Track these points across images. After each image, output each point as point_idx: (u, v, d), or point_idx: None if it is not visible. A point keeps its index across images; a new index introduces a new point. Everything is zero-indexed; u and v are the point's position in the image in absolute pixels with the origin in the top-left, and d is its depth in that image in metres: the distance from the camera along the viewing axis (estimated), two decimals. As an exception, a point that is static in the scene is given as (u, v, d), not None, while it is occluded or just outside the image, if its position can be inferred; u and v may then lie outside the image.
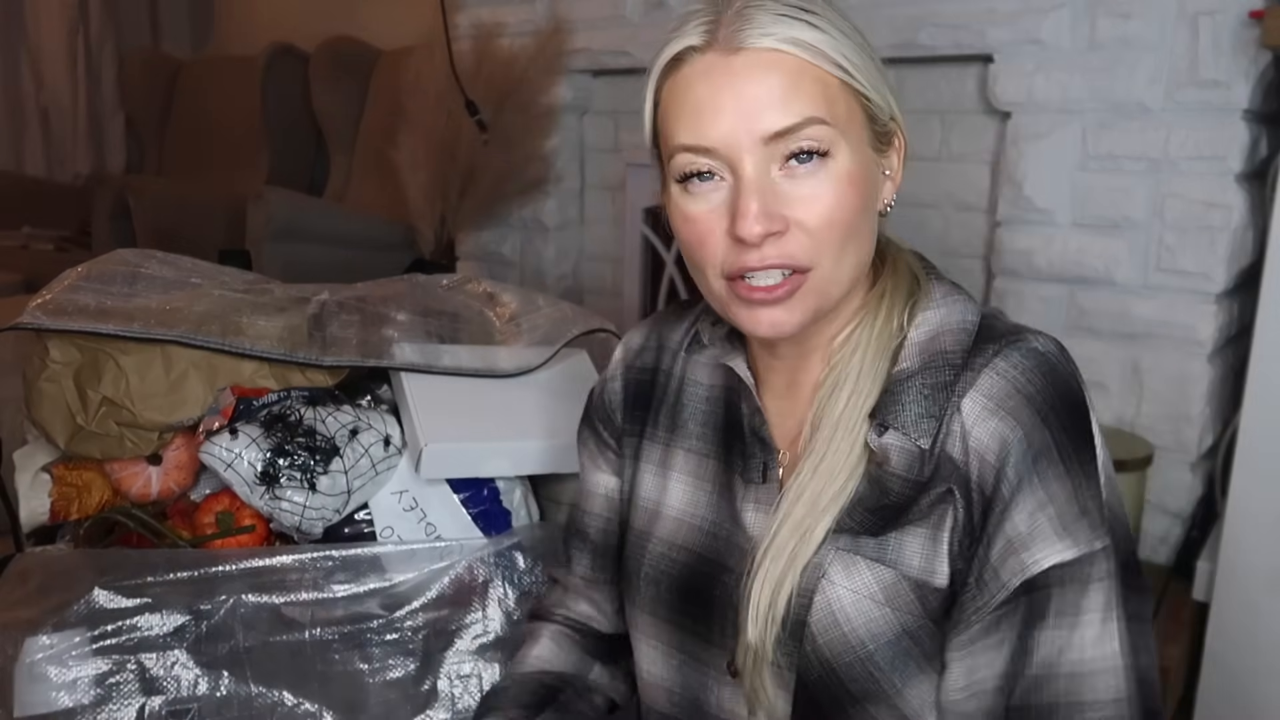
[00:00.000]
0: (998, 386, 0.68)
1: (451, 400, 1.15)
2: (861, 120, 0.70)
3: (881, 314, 0.75)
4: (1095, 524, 0.68)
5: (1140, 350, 1.62)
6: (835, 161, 0.68)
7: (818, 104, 0.67)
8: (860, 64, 0.69)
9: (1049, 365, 0.69)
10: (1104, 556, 0.68)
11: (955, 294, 0.75)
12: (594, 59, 2.27)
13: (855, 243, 0.70)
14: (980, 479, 0.68)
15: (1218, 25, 1.48)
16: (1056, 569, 0.67)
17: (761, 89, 0.67)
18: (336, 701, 1.06)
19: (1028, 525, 0.67)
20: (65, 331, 1.13)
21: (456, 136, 2.34)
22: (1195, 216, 1.54)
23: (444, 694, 1.10)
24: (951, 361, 0.70)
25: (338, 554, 1.10)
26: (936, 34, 1.73)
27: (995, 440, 0.67)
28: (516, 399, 1.18)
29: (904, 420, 0.70)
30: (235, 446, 1.09)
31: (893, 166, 0.75)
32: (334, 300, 1.27)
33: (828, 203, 0.68)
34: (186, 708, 1.03)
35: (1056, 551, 0.67)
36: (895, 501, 0.71)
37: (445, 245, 2.56)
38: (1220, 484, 1.58)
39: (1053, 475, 0.67)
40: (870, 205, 0.72)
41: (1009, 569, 0.68)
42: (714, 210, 0.69)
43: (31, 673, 0.99)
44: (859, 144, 0.70)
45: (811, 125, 0.67)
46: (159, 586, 1.04)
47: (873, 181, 0.72)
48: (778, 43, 0.67)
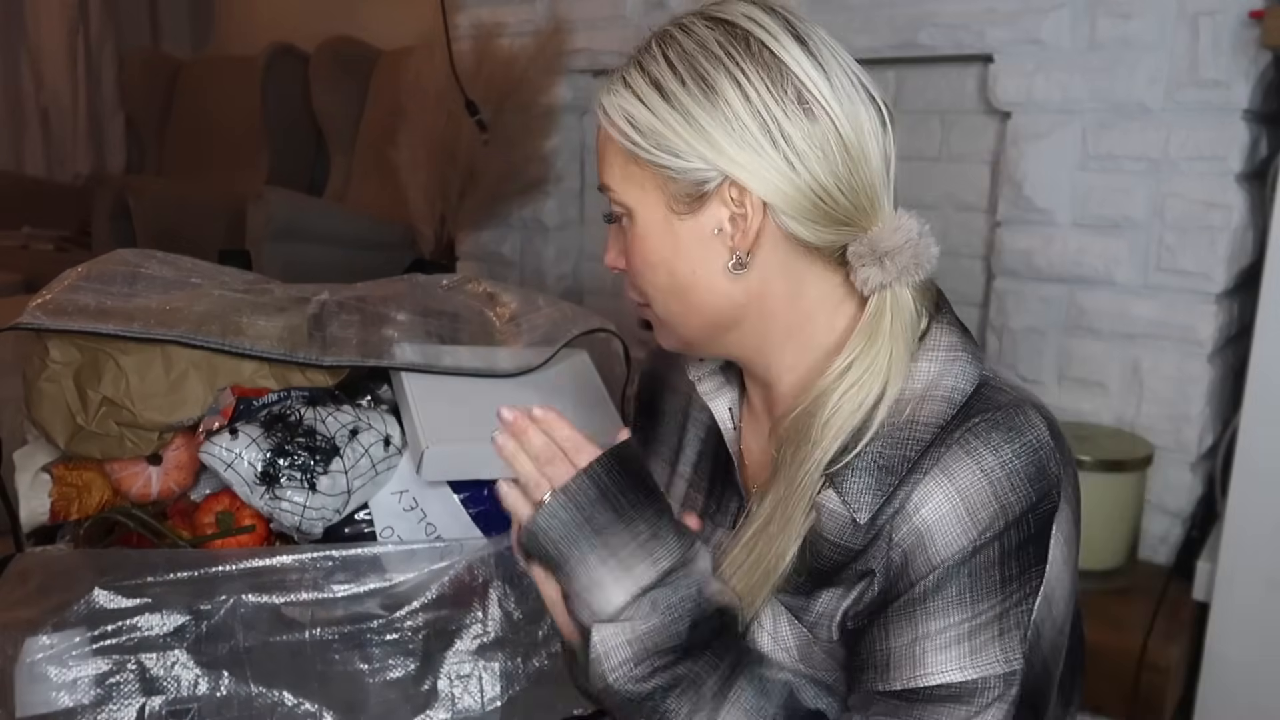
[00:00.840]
0: (975, 487, 0.64)
1: (452, 401, 1.15)
2: (653, 184, 0.70)
3: (847, 388, 0.68)
4: (1009, 646, 0.64)
5: (1140, 350, 1.62)
6: (631, 223, 0.72)
7: (611, 171, 0.72)
8: (651, 128, 0.68)
9: (1039, 469, 0.64)
10: (1003, 683, 0.63)
11: (958, 351, 0.70)
12: (594, 59, 2.27)
13: (677, 299, 0.72)
14: (911, 564, 0.65)
15: (1218, 25, 1.48)
16: (943, 687, 0.64)
17: (597, 147, 0.74)
18: (336, 701, 1.06)
19: (939, 628, 0.64)
20: (65, 331, 1.13)
21: (456, 136, 2.34)
22: (1195, 216, 1.54)
23: (444, 694, 1.10)
24: (919, 436, 0.66)
25: (338, 554, 1.10)
26: (936, 34, 1.73)
27: (949, 544, 0.64)
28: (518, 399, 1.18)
29: (847, 488, 0.67)
30: (235, 446, 1.09)
31: (727, 226, 0.69)
32: (334, 300, 1.27)
33: (632, 257, 0.73)
34: (186, 708, 1.03)
35: (953, 670, 0.64)
36: (822, 566, 0.69)
37: (445, 245, 2.56)
38: (1220, 484, 1.58)
39: (984, 592, 0.64)
40: (680, 265, 0.71)
41: (900, 667, 0.65)
42: None
43: (32, 673, 0.99)
44: (653, 207, 0.71)
45: (606, 190, 0.73)
46: (159, 586, 1.04)
47: (674, 241, 0.70)
48: (597, 108, 0.72)
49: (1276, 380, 1.33)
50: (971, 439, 0.65)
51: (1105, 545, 1.53)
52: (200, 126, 4.21)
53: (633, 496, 0.69)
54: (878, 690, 0.66)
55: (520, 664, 1.14)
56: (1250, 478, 1.36)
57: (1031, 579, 0.64)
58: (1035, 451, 0.65)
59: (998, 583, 0.64)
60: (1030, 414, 0.66)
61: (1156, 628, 1.40)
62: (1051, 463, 0.65)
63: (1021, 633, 0.64)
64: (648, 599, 0.67)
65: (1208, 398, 1.57)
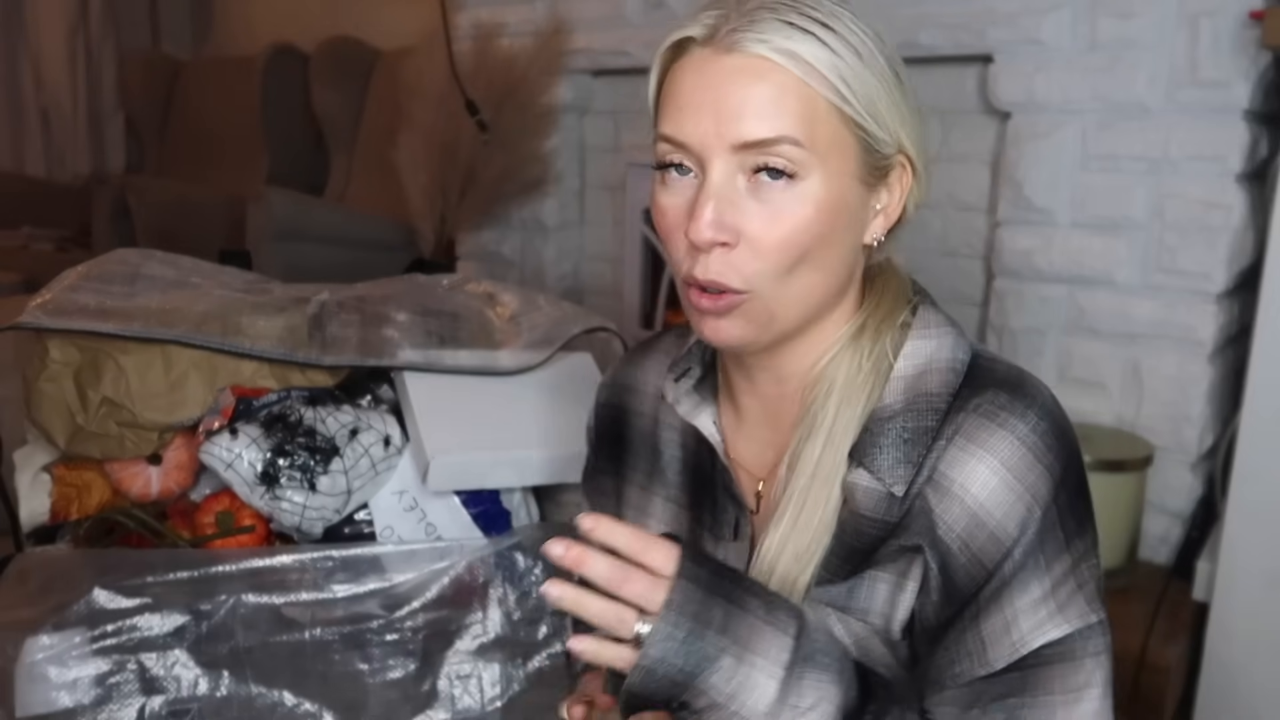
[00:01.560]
0: (1016, 455, 0.65)
1: (456, 407, 1.14)
2: (851, 149, 0.67)
3: (859, 349, 0.71)
4: (1090, 597, 0.67)
5: (1140, 350, 1.62)
6: (805, 184, 0.65)
7: (798, 123, 0.64)
8: (863, 91, 0.66)
9: (1060, 427, 0.67)
10: (1099, 631, 0.67)
11: (947, 326, 0.72)
12: (594, 59, 2.27)
13: (810, 272, 0.67)
14: (979, 549, 0.65)
15: (1218, 25, 1.48)
16: (1046, 647, 0.65)
17: (743, 95, 0.64)
18: (336, 701, 1.06)
19: (1026, 603, 0.65)
20: (65, 331, 1.13)
21: (456, 136, 2.34)
22: (1195, 216, 1.54)
23: (444, 694, 1.10)
24: (935, 405, 0.68)
25: (338, 554, 1.10)
26: (936, 34, 1.73)
27: (1009, 517, 0.65)
28: (521, 405, 1.17)
29: (879, 464, 0.68)
30: (235, 446, 1.09)
31: (885, 201, 0.71)
32: (334, 300, 1.27)
33: (786, 225, 0.65)
34: (186, 708, 1.03)
35: (1049, 629, 0.65)
36: (864, 546, 0.69)
37: (445, 245, 2.56)
38: (1220, 484, 1.58)
39: (1055, 553, 0.66)
40: (840, 237, 0.68)
41: (999, 647, 0.66)
42: (680, 206, 0.68)
43: (32, 673, 0.99)
44: (839, 173, 0.66)
45: (785, 144, 0.64)
46: (159, 586, 1.05)
47: (846, 213, 0.68)
48: (771, 51, 0.64)
49: (1276, 380, 1.33)
50: (996, 410, 0.67)
51: (1105, 545, 1.52)
52: (200, 126, 4.21)
53: (731, 577, 0.63)
54: (981, 675, 0.66)
55: (520, 664, 1.14)
56: (1250, 478, 1.36)
57: (1088, 531, 0.68)
58: (1052, 411, 0.68)
59: (1063, 541, 0.66)
60: (1032, 377, 0.70)
61: (1156, 628, 1.40)
62: (1062, 414, 0.68)
63: (1096, 583, 0.67)
64: (795, 674, 0.61)
65: (1208, 398, 1.57)
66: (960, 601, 0.67)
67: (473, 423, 1.11)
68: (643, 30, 2.16)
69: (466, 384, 1.18)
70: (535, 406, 1.19)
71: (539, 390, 1.23)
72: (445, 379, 1.18)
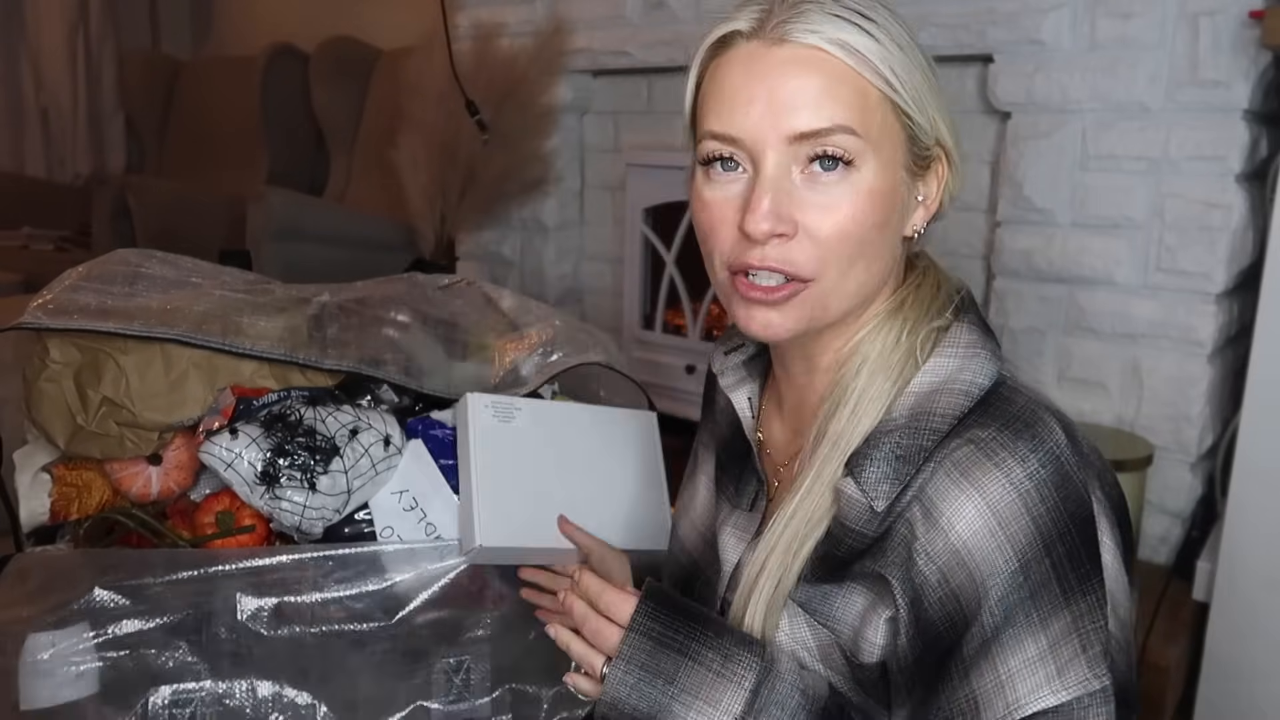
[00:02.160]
0: (1005, 500, 0.62)
1: (519, 479, 1.07)
2: (899, 138, 0.68)
3: (895, 327, 0.71)
4: (1094, 660, 0.62)
5: (1140, 350, 1.62)
6: (859, 174, 0.66)
7: (852, 112, 0.65)
8: (909, 81, 0.67)
9: (1063, 479, 0.63)
10: (1100, 699, 0.62)
11: (977, 348, 0.70)
12: (594, 59, 2.27)
13: (865, 261, 0.68)
14: (957, 586, 0.63)
15: (1218, 25, 1.48)
16: (1042, 714, 0.62)
17: (796, 86, 0.65)
18: (335, 700, 1.06)
19: (1018, 663, 0.62)
20: (66, 331, 1.13)
21: (456, 136, 2.34)
22: (1195, 216, 1.54)
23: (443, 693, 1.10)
24: (935, 426, 0.66)
25: (338, 554, 1.10)
26: (936, 34, 1.73)
27: (987, 562, 0.62)
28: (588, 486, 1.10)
29: (866, 476, 0.67)
30: (235, 446, 1.09)
31: (928, 193, 0.72)
32: (334, 302, 1.26)
33: (842, 214, 0.66)
34: (186, 707, 1.03)
35: (1046, 695, 0.62)
36: (842, 554, 0.69)
37: (445, 245, 2.56)
38: (1220, 484, 1.58)
39: (1050, 610, 0.62)
40: (890, 226, 0.68)
41: (993, 710, 0.63)
42: (729, 200, 0.68)
43: (35, 668, 0.99)
44: (890, 162, 0.67)
45: (840, 133, 0.64)
46: (159, 586, 1.04)
47: (898, 202, 0.68)
48: (823, 41, 0.64)
49: (1276, 380, 1.33)
50: (997, 447, 0.64)
51: (1105, 545, 1.53)
52: (200, 126, 4.21)
53: (686, 630, 0.67)
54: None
55: (518, 664, 1.15)
56: (1250, 478, 1.36)
57: (1094, 588, 0.63)
58: (1056, 459, 0.64)
59: (1060, 598, 0.62)
60: (1048, 420, 0.66)
61: (1156, 628, 1.40)
62: (1073, 468, 0.65)
63: (1101, 646, 0.63)
64: None
65: (1208, 398, 1.57)
66: (941, 646, 0.64)
67: (532, 503, 1.05)
68: (643, 30, 2.16)
69: (534, 447, 1.10)
70: (597, 488, 1.12)
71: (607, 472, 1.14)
72: (513, 440, 1.10)
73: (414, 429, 1.20)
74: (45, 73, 4.63)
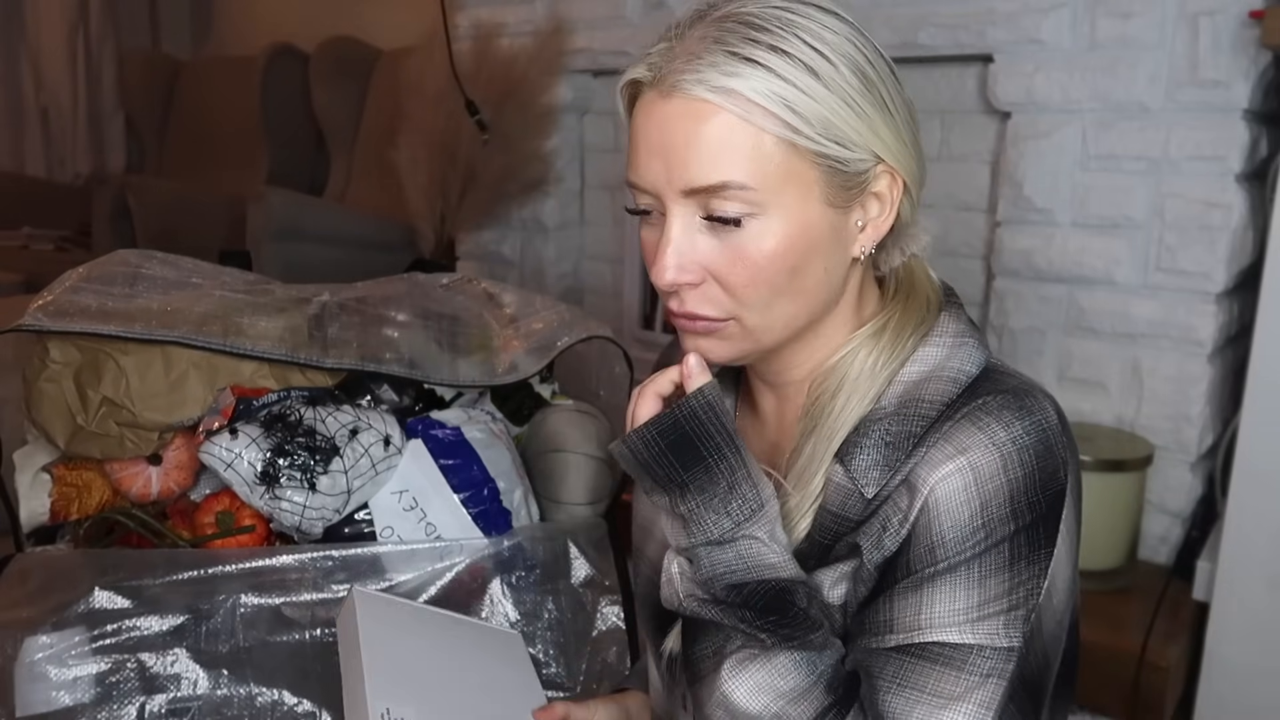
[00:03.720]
0: (985, 458, 0.63)
1: (409, 650, 0.97)
2: (810, 177, 0.64)
3: (876, 349, 0.71)
4: (1012, 622, 0.63)
5: (1140, 350, 1.62)
6: (761, 223, 0.64)
7: (743, 166, 0.62)
8: (816, 115, 0.62)
9: (1047, 449, 0.64)
10: (1002, 657, 0.63)
11: (964, 336, 0.71)
12: (594, 59, 2.27)
13: (788, 298, 0.67)
14: (916, 536, 0.64)
15: (1218, 25, 1.48)
16: (939, 645, 0.63)
17: (685, 139, 0.63)
18: (336, 702, 1.06)
19: (944, 602, 0.63)
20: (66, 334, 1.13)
21: (456, 136, 2.34)
22: (1195, 216, 1.54)
23: (444, 694, 1.10)
24: (925, 413, 0.67)
25: (338, 554, 1.10)
26: (936, 34, 1.73)
27: (951, 519, 0.63)
28: (466, 686, 0.99)
29: (856, 464, 0.67)
30: (235, 446, 1.09)
31: (870, 215, 0.68)
32: (334, 301, 1.26)
33: (746, 265, 0.64)
34: (186, 707, 1.03)
35: (951, 631, 0.63)
36: (822, 539, 0.69)
37: (445, 245, 2.56)
38: (1220, 484, 1.58)
39: (993, 569, 0.63)
40: (817, 263, 0.67)
41: (900, 628, 0.64)
42: (655, 243, 0.68)
43: (31, 672, 0.99)
44: (801, 201, 0.64)
45: (730, 189, 0.63)
46: (159, 586, 1.05)
47: (817, 239, 0.66)
48: (708, 93, 0.62)
49: (1276, 380, 1.33)
50: (981, 414, 0.65)
51: (1105, 545, 1.53)
52: (200, 126, 4.21)
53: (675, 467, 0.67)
54: (873, 647, 0.66)
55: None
56: (1250, 478, 1.36)
57: (1041, 560, 0.64)
58: (1043, 431, 0.65)
59: (1006, 560, 0.63)
60: (1039, 398, 0.67)
61: (1156, 628, 1.40)
62: (1058, 445, 0.65)
63: (1026, 612, 0.63)
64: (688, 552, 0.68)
65: (1208, 398, 1.57)
66: (885, 579, 0.66)
67: (420, 673, 0.95)
68: (643, 30, 2.16)
69: (420, 648, 1.00)
70: (482, 699, 1.01)
71: (487, 682, 1.03)
72: (404, 613, 1.02)
73: (414, 429, 1.20)
74: (45, 73, 4.64)
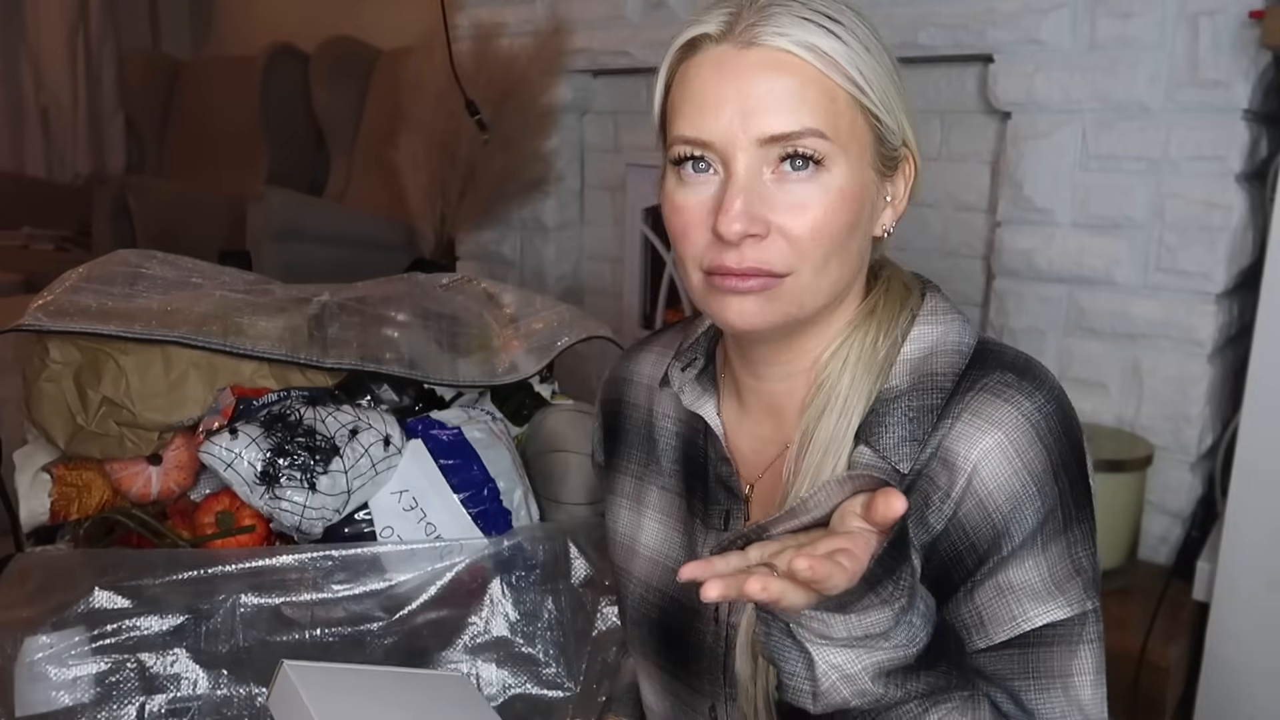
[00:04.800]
0: (1019, 430, 0.67)
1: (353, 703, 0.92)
2: (867, 139, 0.68)
3: (871, 329, 0.73)
4: (1087, 584, 0.68)
5: (1140, 350, 1.62)
6: (829, 174, 0.66)
7: (821, 115, 0.65)
8: (877, 83, 0.68)
9: (1064, 412, 0.69)
10: (1094, 618, 0.68)
11: (953, 314, 0.74)
12: (594, 59, 2.27)
13: (838, 260, 0.68)
14: (965, 514, 0.67)
15: (1218, 25, 1.48)
16: (1050, 627, 0.67)
17: (767, 88, 0.65)
18: (336, 702, 1.06)
19: (1022, 580, 0.67)
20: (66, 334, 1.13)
21: (456, 136, 2.34)
22: (1195, 216, 1.54)
23: (444, 694, 1.10)
24: (941, 385, 0.69)
25: (338, 554, 1.10)
26: (936, 34, 1.73)
27: (1005, 495, 0.66)
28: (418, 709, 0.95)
29: (884, 442, 0.68)
30: (235, 446, 1.09)
31: (896, 193, 0.73)
32: (334, 301, 1.26)
33: (814, 213, 0.66)
34: (186, 707, 1.03)
35: (1054, 609, 0.67)
36: None
37: (445, 245, 2.56)
38: (1220, 484, 1.58)
39: (1052, 534, 0.67)
40: (861, 226, 0.69)
41: (998, 622, 0.67)
42: (702, 203, 0.68)
43: (31, 672, 0.99)
44: (859, 163, 0.68)
45: (810, 136, 0.65)
46: (159, 586, 1.05)
47: (868, 202, 0.70)
48: (792, 45, 0.65)
49: (1276, 380, 1.33)
50: (1002, 386, 0.68)
51: (1105, 545, 1.52)
52: (200, 126, 4.22)
53: None
54: (980, 648, 0.68)
55: (519, 664, 1.14)
56: (1250, 478, 1.36)
57: (1087, 517, 0.69)
58: (1059, 396, 0.69)
59: (1061, 524, 0.67)
60: (1042, 365, 0.72)
61: (1156, 628, 1.40)
62: (1069, 407, 0.70)
63: (1092, 571, 0.68)
64: None
65: (1208, 398, 1.57)
66: (945, 573, 0.68)
67: None
68: (643, 30, 2.15)
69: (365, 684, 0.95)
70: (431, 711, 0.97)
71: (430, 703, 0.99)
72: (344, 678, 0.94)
73: (414, 429, 1.20)
74: (45, 73, 4.64)
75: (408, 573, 1.11)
